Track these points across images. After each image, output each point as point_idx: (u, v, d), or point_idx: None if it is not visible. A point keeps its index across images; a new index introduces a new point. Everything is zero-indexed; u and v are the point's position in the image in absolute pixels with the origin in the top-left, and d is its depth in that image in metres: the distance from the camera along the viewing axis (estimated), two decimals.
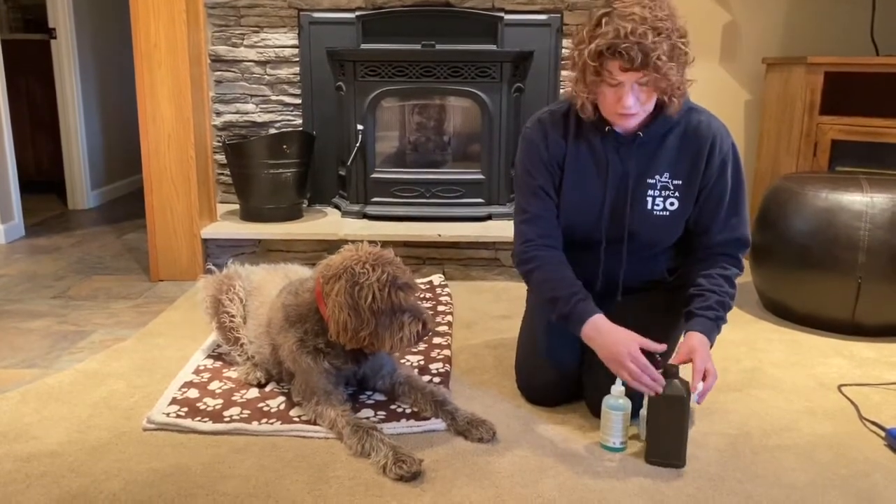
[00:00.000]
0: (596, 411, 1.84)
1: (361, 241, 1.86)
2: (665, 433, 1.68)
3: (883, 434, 1.84)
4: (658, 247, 1.93)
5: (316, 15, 3.49)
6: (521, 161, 1.91)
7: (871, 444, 1.82)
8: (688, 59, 1.71)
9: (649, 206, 1.85)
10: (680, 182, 1.84)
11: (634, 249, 1.89)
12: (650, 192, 1.85)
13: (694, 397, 1.68)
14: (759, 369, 2.26)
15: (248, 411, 1.91)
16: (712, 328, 1.79)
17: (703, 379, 1.69)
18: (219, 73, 3.58)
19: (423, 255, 3.20)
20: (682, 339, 1.81)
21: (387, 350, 1.83)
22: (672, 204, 1.85)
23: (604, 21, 1.64)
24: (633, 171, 1.83)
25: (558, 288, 1.82)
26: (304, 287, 1.93)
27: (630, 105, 1.68)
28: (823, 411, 1.99)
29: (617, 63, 1.63)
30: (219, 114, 3.62)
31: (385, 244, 1.88)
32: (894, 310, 2.49)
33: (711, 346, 1.77)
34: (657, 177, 1.84)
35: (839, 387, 2.12)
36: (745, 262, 2.72)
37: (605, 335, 1.73)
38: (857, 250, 2.43)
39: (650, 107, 1.74)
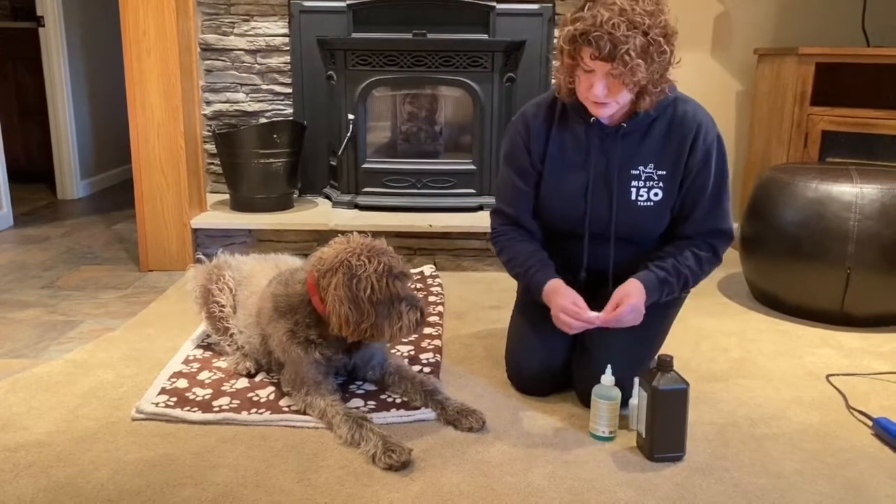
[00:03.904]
0: (586, 401, 1.85)
1: (352, 233, 1.85)
2: (667, 427, 1.66)
3: (870, 423, 1.85)
4: (643, 237, 1.92)
5: (307, 3, 3.46)
6: (503, 151, 1.97)
7: (858, 433, 1.83)
8: (668, 59, 1.69)
9: (633, 197, 1.85)
10: (664, 172, 1.84)
11: (620, 240, 1.89)
12: (634, 183, 1.84)
13: (596, 315, 1.75)
14: (748, 359, 2.27)
15: (238, 401, 1.91)
16: (655, 285, 1.80)
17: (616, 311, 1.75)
18: (209, 61, 3.55)
19: (415, 245, 3.19)
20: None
21: (386, 340, 1.82)
22: (656, 194, 1.85)
23: (587, 6, 1.65)
24: (616, 162, 1.83)
25: (519, 264, 1.90)
26: (294, 278, 1.92)
27: (598, 94, 1.69)
28: (811, 401, 2.00)
29: (588, 50, 1.65)
30: (209, 103, 3.59)
31: (376, 234, 1.87)
32: (883, 300, 2.50)
33: (648, 303, 1.78)
34: (641, 167, 1.84)
35: (827, 377, 2.14)
36: (735, 253, 2.75)
37: (556, 295, 1.79)
38: (847, 241, 2.44)
39: (623, 100, 1.73)
